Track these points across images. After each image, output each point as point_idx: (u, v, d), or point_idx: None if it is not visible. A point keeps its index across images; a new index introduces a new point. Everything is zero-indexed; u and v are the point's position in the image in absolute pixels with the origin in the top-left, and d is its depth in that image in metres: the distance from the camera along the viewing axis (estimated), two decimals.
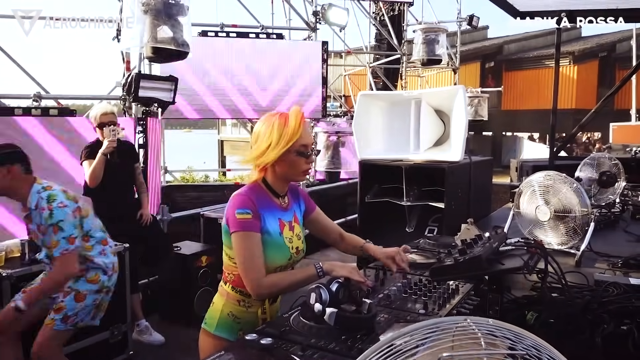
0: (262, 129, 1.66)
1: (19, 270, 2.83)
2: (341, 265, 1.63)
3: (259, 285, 1.59)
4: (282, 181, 1.73)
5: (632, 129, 11.27)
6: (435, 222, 3.26)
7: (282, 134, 1.61)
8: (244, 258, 1.61)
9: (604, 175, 3.57)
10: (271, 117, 1.66)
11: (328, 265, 1.63)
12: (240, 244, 1.61)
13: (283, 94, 6.54)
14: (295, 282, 1.63)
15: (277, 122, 1.63)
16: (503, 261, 1.77)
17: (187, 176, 9.50)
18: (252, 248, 1.60)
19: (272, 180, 1.71)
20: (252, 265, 1.60)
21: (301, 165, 1.68)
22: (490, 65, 20.29)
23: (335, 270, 1.60)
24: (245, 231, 1.60)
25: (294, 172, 1.69)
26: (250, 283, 1.60)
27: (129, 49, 4.67)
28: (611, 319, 1.59)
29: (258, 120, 1.72)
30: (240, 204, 1.63)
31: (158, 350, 3.74)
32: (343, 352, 1.28)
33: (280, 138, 1.61)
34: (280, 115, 1.66)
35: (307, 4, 7.61)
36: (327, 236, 1.94)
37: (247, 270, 1.60)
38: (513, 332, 0.80)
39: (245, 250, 1.60)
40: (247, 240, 1.60)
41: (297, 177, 1.74)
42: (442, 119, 3.51)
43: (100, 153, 3.45)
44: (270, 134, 1.62)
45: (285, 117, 1.65)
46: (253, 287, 1.60)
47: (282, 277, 1.64)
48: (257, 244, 1.61)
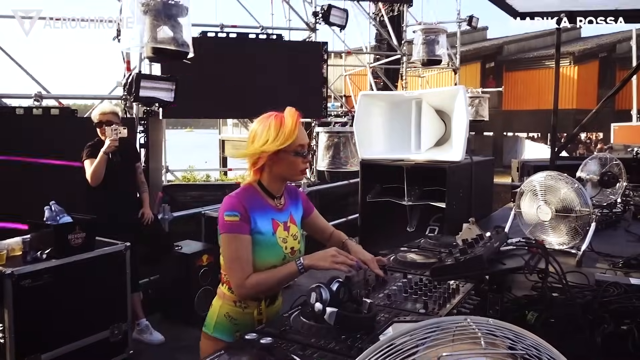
0: (258, 129, 1.67)
1: (20, 268, 2.83)
2: (320, 257, 1.64)
3: (242, 285, 1.63)
4: (278, 182, 1.75)
5: (633, 129, 11.26)
6: (436, 221, 3.26)
7: (278, 134, 1.63)
8: (229, 259, 1.65)
9: (605, 176, 3.57)
10: (267, 118, 1.68)
11: (308, 260, 1.65)
12: (227, 246, 1.65)
13: (283, 94, 6.54)
14: (277, 280, 1.65)
15: (274, 122, 1.65)
16: (504, 261, 1.77)
17: (189, 175, 9.51)
18: (238, 249, 1.63)
19: (267, 181, 1.73)
20: (236, 266, 1.63)
21: (298, 165, 1.70)
22: (490, 66, 20.29)
23: (317, 265, 1.63)
24: (232, 233, 1.63)
25: (292, 172, 1.71)
26: (234, 283, 1.65)
27: (129, 49, 4.68)
28: (612, 319, 1.59)
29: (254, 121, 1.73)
30: (229, 207, 1.65)
31: (158, 350, 3.74)
32: (343, 352, 1.27)
33: (277, 137, 1.63)
34: (276, 116, 1.67)
35: (307, 4, 7.61)
36: (320, 236, 1.99)
37: (231, 270, 1.65)
38: (513, 331, 0.80)
39: (231, 252, 1.64)
40: (233, 242, 1.63)
41: (294, 177, 1.76)
42: (442, 119, 3.51)
43: (101, 152, 3.45)
44: (267, 133, 1.64)
45: (281, 118, 1.66)
46: (236, 286, 1.65)
47: (264, 277, 1.65)
48: (244, 245, 1.64)
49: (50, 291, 2.94)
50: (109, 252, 3.28)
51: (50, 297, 2.94)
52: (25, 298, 2.82)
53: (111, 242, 3.34)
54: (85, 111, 3.97)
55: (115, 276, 3.32)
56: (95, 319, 3.22)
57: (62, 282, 3.00)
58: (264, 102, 5.78)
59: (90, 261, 3.16)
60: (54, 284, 2.95)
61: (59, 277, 2.98)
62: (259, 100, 6.40)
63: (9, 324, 2.76)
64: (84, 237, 3.11)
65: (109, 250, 3.28)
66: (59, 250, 2.99)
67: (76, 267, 3.07)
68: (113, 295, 3.34)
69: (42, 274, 2.90)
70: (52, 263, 2.96)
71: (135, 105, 4.57)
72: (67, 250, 3.03)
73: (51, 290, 2.94)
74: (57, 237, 3.01)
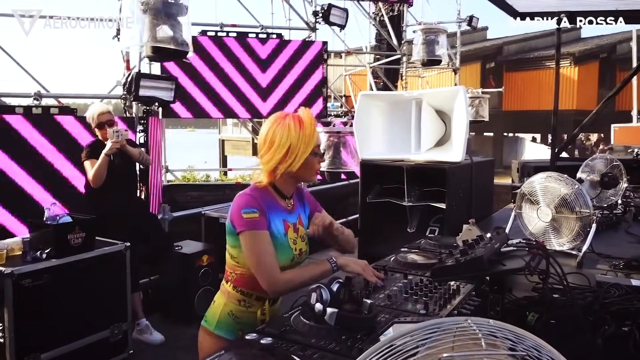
0: (276, 132, 1.62)
1: (20, 268, 2.83)
2: (355, 261, 1.68)
3: (275, 282, 1.60)
4: (292, 182, 1.74)
5: (634, 130, 11.24)
6: (436, 222, 3.26)
7: (300, 138, 1.61)
8: (256, 257, 1.61)
9: (605, 177, 3.57)
10: (283, 119, 1.64)
11: (342, 260, 1.66)
12: (251, 243, 1.61)
13: (283, 94, 6.53)
14: (310, 277, 1.64)
15: (292, 125, 1.62)
16: (504, 262, 1.77)
17: (188, 175, 9.50)
18: (263, 246, 1.60)
19: (281, 182, 1.71)
20: (265, 263, 1.60)
21: (315, 165, 1.71)
22: (490, 66, 20.29)
23: (350, 266, 1.66)
24: (254, 230, 1.60)
25: (309, 172, 1.71)
26: (265, 281, 1.60)
27: (129, 48, 4.67)
28: (612, 320, 1.59)
29: (266, 120, 1.70)
30: (246, 203, 1.62)
31: (158, 350, 3.73)
32: (343, 352, 1.27)
33: (299, 142, 1.61)
34: (293, 117, 1.64)
35: (307, 4, 7.60)
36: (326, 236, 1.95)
37: (261, 268, 1.60)
38: (514, 332, 0.79)
39: (257, 249, 1.60)
40: (256, 239, 1.60)
41: (310, 178, 1.77)
42: (443, 119, 3.51)
43: (103, 154, 3.46)
44: (287, 138, 1.61)
45: (299, 120, 1.63)
46: (268, 284, 1.60)
47: (297, 273, 1.65)
48: (267, 241, 1.62)
49: (50, 291, 2.94)
50: (109, 252, 3.27)
51: (50, 297, 2.94)
52: (25, 298, 2.82)
53: (111, 242, 3.34)
54: (85, 110, 3.96)
55: (115, 276, 3.32)
56: (95, 318, 3.22)
57: (62, 282, 3.00)
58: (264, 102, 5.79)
59: (90, 261, 3.16)
60: (54, 283, 2.95)
61: (59, 277, 2.98)
62: (258, 100, 6.41)
63: (9, 323, 2.76)
64: (83, 237, 3.11)
65: (108, 250, 3.28)
66: (58, 250, 2.99)
67: (76, 267, 3.07)
68: (113, 295, 3.33)
69: (42, 274, 2.90)
70: (52, 263, 2.95)
71: (134, 104, 4.57)
72: (66, 250, 3.03)
73: (51, 290, 2.94)
74: (57, 237, 3.00)
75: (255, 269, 1.62)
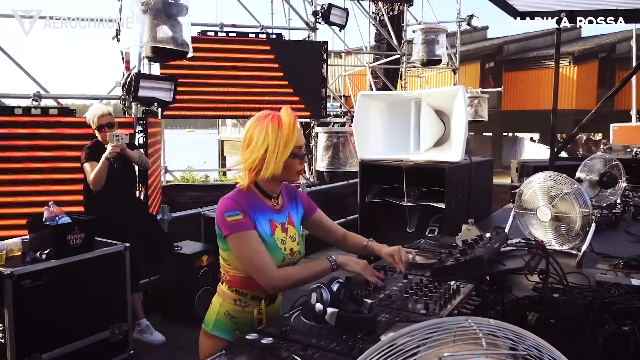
0: (254, 133, 1.62)
1: (20, 269, 2.83)
2: (355, 261, 1.68)
3: (272, 279, 1.59)
4: (275, 182, 1.71)
5: (633, 129, 11.27)
6: (436, 222, 3.26)
7: (277, 139, 1.59)
8: (248, 258, 1.60)
9: (604, 176, 3.57)
10: (263, 119, 1.63)
11: (342, 258, 1.66)
12: (240, 245, 1.60)
13: (283, 94, 6.53)
14: (310, 274, 1.64)
15: (271, 125, 1.60)
16: (504, 262, 1.77)
17: (187, 176, 9.50)
18: (253, 245, 1.60)
19: (264, 182, 1.69)
20: (258, 262, 1.59)
21: (295, 166, 1.68)
22: (490, 66, 20.28)
23: (349, 265, 1.66)
24: (241, 231, 1.60)
25: (289, 173, 1.68)
26: (262, 278, 1.60)
27: (129, 49, 4.67)
28: (612, 319, 1.59)
29: (249, 120, 1.68)
30: (228, 207, 1.61)
31: (159, 350, 3.73)
32: (344, 352, 1.27)
33: (276, 144, 1.59)
34: (273, 117, 1.62)
35: (307, 4, 7.60)
36: (329, 237, 1.94)
37: (255, 267, 1.60)
38: (514, 332, 0.80)
39: (247, 250, 1.60)
40: (244, 240, 1.60)
41: (291, 178, 1.74)
42: (442, 119, 3.51)
43: (103, 157, 3.45)
44: (264, 139, 1.59)
45: (278, 120, 1.61)
46: (266, 281, 1.60)
47: (295, 269, 1.65)
48: (256, 240, 1.61)
49: (50, 291, 2.93)
50: (109, 253, 3.27)
51: (50, 297, 2.94)
52: (26, 298, 2.82)
53: (111, 243, 3.34)
54: (84, 111, 3.95)
55: (114, 276, 3.32)
56: (95, 319, 3.21)
57: (62, 282, 3.00)
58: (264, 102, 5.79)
59: (90, 262, 3.15)
60: (53, 284, 2.95)
61: (58, 278, 2.97)
62: (258, 99, 6.40)
63: (9, 324, 2.75)
64: (83, 237, 3.11)
65: (108, 250, 3.27)
66: (58, 251, 2.99)
67: (76, 267, 3.06)
68: (113, 296, 3.33)
69: (42, 274, 2.90)
70: (51, 263, 2.95)
71: (134, 105, 4.56)
72: (66, 250, 3.03)
73: (51, 290, 2.94)
74: (56, 237, 3.00)
75: (250, 270, 1.62)
